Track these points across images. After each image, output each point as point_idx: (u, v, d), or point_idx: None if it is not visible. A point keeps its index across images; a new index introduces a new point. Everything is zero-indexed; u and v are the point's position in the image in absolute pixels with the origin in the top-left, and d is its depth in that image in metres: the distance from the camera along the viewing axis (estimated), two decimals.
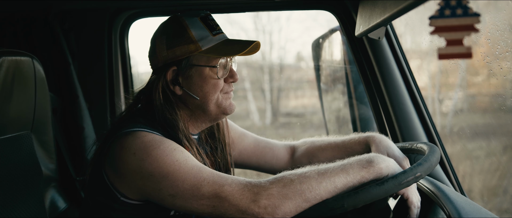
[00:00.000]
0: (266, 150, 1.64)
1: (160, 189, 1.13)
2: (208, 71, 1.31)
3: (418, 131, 1.72)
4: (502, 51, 1.58)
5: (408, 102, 1.74)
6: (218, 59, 1.31)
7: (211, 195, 1.10)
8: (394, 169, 1.16)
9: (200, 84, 1.31)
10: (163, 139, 1.20)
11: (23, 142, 1.50)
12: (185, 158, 1.15)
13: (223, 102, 1.35)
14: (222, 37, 1.35)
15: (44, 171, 1.60)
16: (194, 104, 1.33)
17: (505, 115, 2.94)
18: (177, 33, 1.30)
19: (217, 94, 1.33)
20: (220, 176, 1.12)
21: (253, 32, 9.55)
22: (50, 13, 1.92)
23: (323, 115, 2.77)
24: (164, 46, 1.31)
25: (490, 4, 1.74)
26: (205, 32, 1.32)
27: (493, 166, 4.05)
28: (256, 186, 1.08)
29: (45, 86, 1.56)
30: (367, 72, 1.85)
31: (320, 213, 1.10)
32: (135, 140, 1.18)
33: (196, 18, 1.33)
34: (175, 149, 1.17)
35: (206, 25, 1.33)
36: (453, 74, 4.87)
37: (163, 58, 1.31)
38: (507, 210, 3.78)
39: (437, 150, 1.24)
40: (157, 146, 1.16)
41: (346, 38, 1.89)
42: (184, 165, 1.14)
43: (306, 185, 1.08)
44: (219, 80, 1.33)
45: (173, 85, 1.32)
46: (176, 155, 1.15)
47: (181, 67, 1.31)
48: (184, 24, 1.31)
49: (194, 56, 1.30)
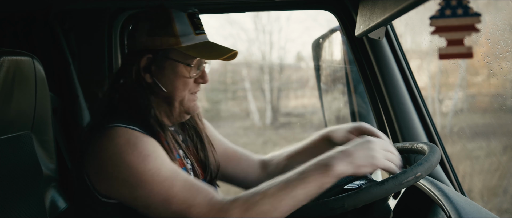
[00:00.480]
0: (243, 157, 1.65)
1: (135, 198, 1.15)
2: (182, 68, 1.31)
3: (418, 131, 1.72)
4: (502, 51, 1.58)
5: (408, 102, 1.74)
6: (194, 59, 1.31)
7: (179, 213, 1.11)
8: (357, 164, 1.13)
9: (171, 78, 1.31)
10: (138, 140, 1.19)
11: (23, 142, 1.50)
12: (158, 167, 1.15)
13: (188, 102, 1.35)
14: (203, 38, 1.36)
15: (44, 171, 1.60)
16: (161, 95, 1.33)
17: (505, 115, 2.94)
18: (161, 23, 1.30)
19: (185, 93, 1.33)
20: (191, 192, 1.13)
21: (253, 32, 9.56)
22: (50, 13, 1.92)
23: (323, 115, 2.77)
24: (145, 32, 1.31)
25: (490, 4, 1.74)
26: (188, 29, 1.32)
27: (493, 166, 4.05)
28: (221, 210, 1.09)
29: (45, 86, 1.56)
30: (367, 72, 1.85)
31: (320, 213, 1.10)
32: (111, 142, 1.18)
33: (184, 13, 1.33)
34: (149, 155, 1.16)
35: (191, 22, 1.33)
36: (453, 74, 4.87)
37: (141, 43, 1.31)
38: (507, 210, 3.78)
39: (438, 150, 1.24)
40: (131, 151, 1.15)
41: (346, 38, 1.89)
42: (157, 177, 1.13)
43: (268, 206, 1.08)
44: (190, 79, 1.33)
45: (145, 72, 1.32)
46: (150, 163, 1.14)
47: (157, 57, 1.31)
48: (171, 16, 1.30)
49: (172, 50, 1.30)
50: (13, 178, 1.42)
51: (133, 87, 1.30)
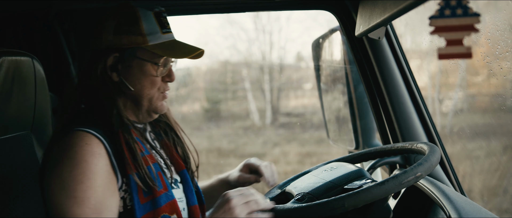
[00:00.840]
0: None
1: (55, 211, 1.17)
2: (149, 67, 1.31)
3: (418, 131, 1.72)
4: (502, 51, 1.58)
5: (408, 102, 1.74)
6: (161, 57, 1.32)
7: None
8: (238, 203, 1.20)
9: (138, 77, 1.31)
10: (83, 156, 1.18)
11: (23, 142, 1.50)
12: (82, 199, 1.15)
13: (156, 101, 1.36)
14: (170, 36, 1.36)
15: None
16: (129, 94, 1.34)
17: (505, 115, 2.94)
18: (128, 21, 1.30)
19: (153, 91, 1.34)
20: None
21: (253, 32, 9.57)
22: (50, 13, 1.92)
23: (323, 115, 2.77)
24: (111, 31, 1.31)
25: (490, 4, 1.74)
26: (155, 28, 1.32)
27: (493, 166, 4.06)
28: None
29: (45, 86, 1.56)
30: (367, 72, 1.85)
31: (321, 213, 1.10)
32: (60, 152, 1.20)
33: (150, 12, 1.33)
34: (82, 182, 1.16)
35: (158, 21, 1.33)
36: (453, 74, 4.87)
37: (107, 42, 1.31)
38: (507, 210, 3.78)
39: (437, 150, 1.24)
40: (70, 169, 1.16)
41: (346, 38, 1.89)
42: (77, 207, 1.14)
43: None
44: (157, 77, 1.33)
45: (111, 71, 1.32)
46: (78, 191, 1.15)
47: (124, 55, 1.31)
48: (137, 15, 1.30)
49: (139, 49, 1.31)
50: (13, 178, 1.42)
51: (98, 86, 1.30)
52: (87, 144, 1.19)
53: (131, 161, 1.23)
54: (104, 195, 1.17)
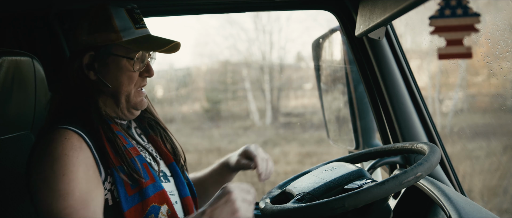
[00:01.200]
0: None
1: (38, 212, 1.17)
2: (125, 63, 1.32)
3: (418, 131, 1.72)
4: (502, 51, 1.58)
5: (408, 102, 1.74)
6: (137, 52, 1.32)
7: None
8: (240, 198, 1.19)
9: (115, 74, 1.32)
10: (64, 151, 1.19)
11: (23, 142, 1.50)
12: (66, 192, 1.15)
13: (134, 97, 1.36)
14: (144, 31, 1.37)
15: None
16: (107, 92, 1.34)
17: (505, 115, 2.94)
18: (100, 20, 1.31)
19: (131, 87, 1.34)
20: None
21: (253, 32, 9.57)
22: (50, 13, 1.92)
23: (323, 115, 2.77)
24: (86, 31, 1.32)
25: (490, 4, 1.74)
26: (128, 24, 1.33)
27: (493, 166, 4.06)
28: None
29: (45, 86, 1.56)
30: (367, 72, 1.85)
31: (321, 213, 1.10)
32: (41, 148, 1.20)
33: (122, 9, 1.34)
34: (64, 175, 1.16)
35: (131, 17, 1.34)
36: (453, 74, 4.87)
37: (82, 42, 1.32)
38: (507, 210, 3.78)
39: (438, 150, 1.24)
40: (50, 165, 1.16)
41: (346, 38, 1.89)
42: (62, 201, 1.14)
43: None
44: (134, 73, 1.34)
45: (88, 70, 1.33)
46: (61, 184, 1.15)
47: (99, 53, 1.32)
48: (109, 12, 1.32)
49: (113, 46, 1.31)
50: (12, 178, 1.42)
51: (76, 86, 1.31)
52: (66, 138, 1.20)
53: (113, 155, 1.24)
54: (88, 187, 1.18)
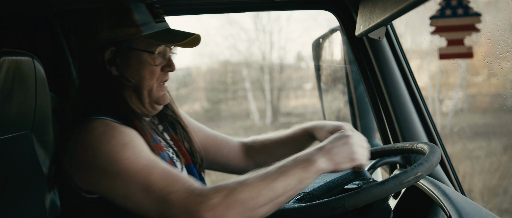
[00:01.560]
0: (223, 144, 1.65)
1: (113, 188, 1.13)
2: (146, 57, 1.32)
3: (418, 131, 1.72)
4: (503, 51, 1.58)
5: (408, 102, 1.74)
6: (158, 46, 1.32)
7: (158, 201, 1.10)
8: (336, 161, 1.15)
9: (136, 68, 1.32)
10: (115, 130, 1.19)
11: (24, 142, 1.50)
12: (136, 156, 1.14)
13: (157, 92, 1.35)
14: (164, 25, 1.36)
15: (45, 171, 1.60)
16: (129, 87, 1.34)
17: (505, 115, 2.94)
18: (120, 15, 1.31)
19: (153, 82, 1.34)
20: (170, 180, 1.12)
21: (253, 32, 9.56)
22: (50, 13, 1.92)
23: (323, 115, 2.77)
24: (106, 26, 1.31)
25: (491, 4, 1.74)
26: (148, 18, 1.32)
27: (493, 166, 4.05)
28: (200, 196, 1.08)
29: (45, 86, 1.56)
30: (367, 72, 1.85)
31: (321, 213, 1.10)
32: (87, 133, 1.17)
33: (141, 3, 1.34)
34: (126, 145, 1.15)
35: (150, 11, 1.34)
36: (453, 74, 4.87)
37: (103, 37, 1.32)
38: (507, 210, 3.78)
39: (438, 150, 1.24)
40: (108, 141, 1.15)
41: (346, 38, 1.89)
42: (135, 165, 1.12)
43: (247, 194, 1.07)
44: (156, 67, 1.33)
45: (110, 65, 1.32)
46: (127, 152, 1.14)
47: (120, 48, 1.31)
48: (129, 7, 1.31)
49: (134, 40, 1.31)
50: (13, 178, 1.42)
51: (101, 82, 1.31)
52: (107, 123, 1.20)
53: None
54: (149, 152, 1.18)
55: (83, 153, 1.17)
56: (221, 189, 1.08)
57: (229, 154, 1.65)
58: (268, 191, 1.08)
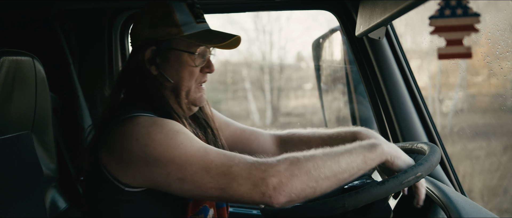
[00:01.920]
0: (252, 138, 1.63)
1: (168, 174, 1.12)
2: (186, 57, 1.32)
3: (418, 131, 1.72)
4: (503, 51, 1.58)
5: (408, 102, 1.74)
6: (198, 47, 1.32)
7: (219, 176, 1.09)
8: (396, 151, 1.19)
9: (176, 68, 1.32)
10: (164, 121, 1.19)
11: (24, 142, 1.50)
12: (189, 140, 1.15)
13: (194, 93, 1.35)
14: (205, 26, 1.37)
15: (45, 171, 1.60)
16: (167, 87, 1.34)
17: (505, 115, 2.94)
18: (161, 14, 1.31)
19: (191, 83, 1.34)
20: (227, 156, 1.12)
21: (253, 32, 9.56)
22: (50, 13, 1.92)
23: (323, 115, 2.77)
24: (147, 25, 1.32)
25: (491, 4, 1.74)
26: (189, 18, 1.32)
27: (493, 166, 4.05)
28: (264, 164, 1.08)
29: (45, 86, 1.56)
30: (367, 72, 1.85)
31: (321, 213, 1.10)
32: (136, 126, 1.17)
33: (183, 3, 1.34)
34: (178, 131, 1.16)
35: (192, 11, 1.34)
36: (453, 74, 4.87)
37: (144, 36, 1.32)
38: (507, 210, 3.78)
39: (438, 150, 1.24)
40: (159, 130, 1.15)
41: (346, 38, 1.89)
42: (190, 148, 1.13)
43: (312, 163, 1.08)
44: (195, 68, 1.33)
45: (150, 64, 1.32)
46: (180, 137, 1.14)
47: (160, 48, 1.31)
48: (170, 6, 1.31)
49: (175, 40, 1.31)
50: (13, 178, 1.42)
51: (141, 80, 1.31)
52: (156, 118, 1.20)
53: None
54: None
55: (131, 146, 1.15)
56: (286, 158, 1.10)
57: (258, 148, 1.62)
58: (333, 164, 1.10)
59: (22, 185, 1.44)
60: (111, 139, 1.20)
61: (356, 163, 1.12)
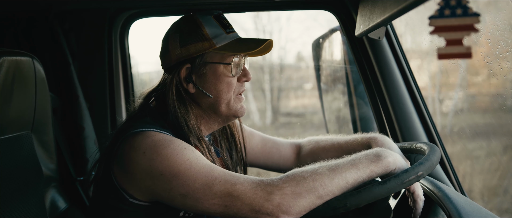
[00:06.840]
0: (273, 150, 1.64)
1: (171, 189, 1.13)
2: (222, 69, 1.31)
3: (418, 131, 1.72)
4: (502, 51, 1.58)
5: (408, 102, 1.74)
6: (232, 57, 1.32)
7: (223, 194, 1.09)
8: (401, 162, 1.18)
9: (214, 82, 1.31)
10: (173, 138, 1.20)
11: (24, 142, 1.50)
12: (195, 157, 1.15)
13: (235, 104, 1.35)
14: (235, 35, 1.37)
15: (45, 171, 1.60)
16: (206, 103, 1.34)
17: (505, 115, 2.94)
18: (191, 30, 1.31)
19: (230, 94, 1.33)
20: (232, 175, 1.12)
21: (253, 32, 9.56)
22: (50, 13, 1.92)
23: (323, 115, 2.77)
24: (178, 44, 1.31)
25: (490, 4, 1.74)
26: (219, 30, 1.32)
27: (493, 166, 4.05)
28: (269, 185, 1.08)
29: (45, 86, 1.56)
30: (367, 72, 1.85)
31: (323, 213, 1.10)
32: (145, 140, 1.18)
33: (210, 16, 1.34)
34: (186, 148, 1.16)
35: (220, 23, 1.34)
36: (453, 74, 4.87)
37: (176, 56, 1.31)
38: (507, 210, 3.78)
39: (438, 150, 1.24)
40: (167, 145, 1.16)
41: (346, 38, 1.89)
42: (195, 164, 1.13)
43: (319, 182, 1.08)
44: (232, 78, 1.33)
45: (187, 82, 1.32)
46: (187, 154, 1.15)
47: (195, 65, 1.31)
48: (198, 21, 1.32)
49: (208, 54, 1.31)
50: (13, 178, 1.42)
51: (173, 101, 1.30)
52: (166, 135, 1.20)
53: None
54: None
55: (137, 158, 1.16)
56: (292, 178, 1.09)
57: (279, 160, 1.64)
58: (340, 180, 1.09)
59: (22, 185, 1.44)
60: (121, 151, 1.21)
61: (362, 178, 1.13)
